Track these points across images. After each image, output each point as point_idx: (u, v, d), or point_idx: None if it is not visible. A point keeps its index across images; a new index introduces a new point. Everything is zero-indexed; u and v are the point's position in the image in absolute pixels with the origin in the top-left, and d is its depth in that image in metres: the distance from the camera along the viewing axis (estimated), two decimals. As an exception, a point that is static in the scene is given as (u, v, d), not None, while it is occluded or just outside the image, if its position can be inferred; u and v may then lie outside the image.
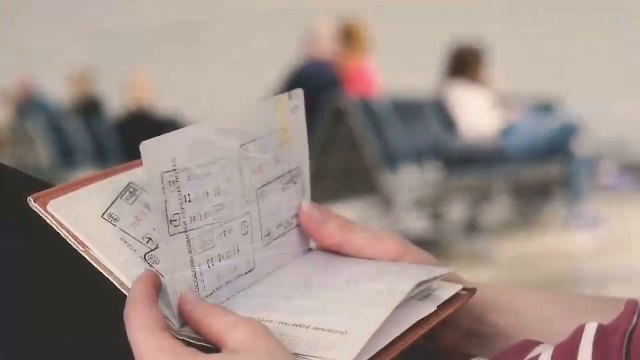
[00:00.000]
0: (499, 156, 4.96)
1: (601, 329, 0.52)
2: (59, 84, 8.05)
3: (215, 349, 0.51)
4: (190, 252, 0.55)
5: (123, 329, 0.51)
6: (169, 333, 0.51)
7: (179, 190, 0.54)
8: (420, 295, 0.58)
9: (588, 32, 8.11)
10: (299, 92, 0.63)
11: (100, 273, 0.55)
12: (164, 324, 0.51)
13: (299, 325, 0.53)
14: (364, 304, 0.54)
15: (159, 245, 0.54)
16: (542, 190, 5.34)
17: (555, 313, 0.62)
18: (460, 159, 4.83)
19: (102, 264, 0.54)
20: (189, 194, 0.54)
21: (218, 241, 0.57)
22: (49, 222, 0.55)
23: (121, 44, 9.36)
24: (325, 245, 0.63)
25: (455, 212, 5.16)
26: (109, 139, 6.54)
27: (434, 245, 4.43)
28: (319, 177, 4.40)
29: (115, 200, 0.58)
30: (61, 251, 0.55)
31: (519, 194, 5.33)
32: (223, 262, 0.57)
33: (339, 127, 4.47)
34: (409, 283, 0.56)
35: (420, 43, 7.65)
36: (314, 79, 4.74)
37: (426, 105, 5.11)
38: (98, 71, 7.93)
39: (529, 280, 3.60)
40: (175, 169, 0.53)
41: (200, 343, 0.52)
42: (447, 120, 5.12)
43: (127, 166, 0.61)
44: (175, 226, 0.54)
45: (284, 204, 0.63)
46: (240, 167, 0.58)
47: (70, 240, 0.55)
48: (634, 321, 0.52)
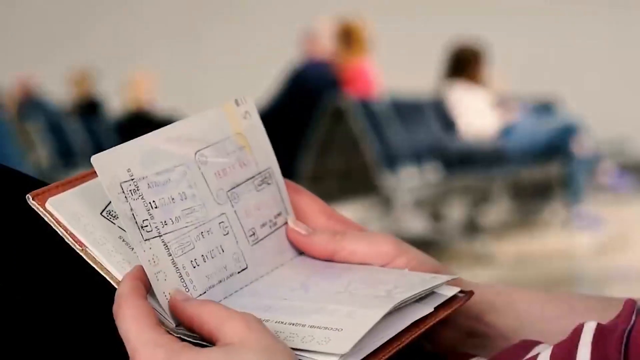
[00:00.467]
0: (498, 156, 4.96)
1: (600, 329, 0.52)
2: (59, 84, 8.05)
3: (211, 345, 0.51)
4: (170, 255, 0.55)
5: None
6: (162, 328, 0.50)
7: (142, 198, 0.55)
8: (418, 296, 0.58)
9: (588, 32, 8.11)
10: (247, 98, 0.63)
11: (99, 273, 0.55)
12: (156, 319, 0.51)
13: (295, 324, 0.53)
14: (361, 306, 0.55)
15: (135, 251, 0.54)
16: (542, 190, 5.33)
17: (554, 313, 0.62)
18: (460, 159, 4.83)
19: (100, 263, 0.55)
20: (153, 201, 0.55)
21: (197, 242, 0.57)
22: (47, 221, 0.55)
23: (121, 44, 9.36)
24: (318, 256, 0.63)
25: (455, 213, 5.16)
26: (109, 139, 6.54)
27: (434, 246, 4.43)
28: (318, 178, 4.40)
29: None
30: (61, 251, 0.55)
31: (519, 195, 5.33)
32: (208, 262, 0.57)
33: (339, 128, 4.47)
34: (406, 293, 0.56)
35: (420, 43, 7.65)
36: (314, 79, 4.73)
37: (426, 106, 5.11)
38: (98, 71, 7.93)
39: (528, 281, 3.60)
40: (132, 179, 0.55)
41: (196, 341, 0.52)
42: (447, 121, 5.12)
43: None
44: (148, 231, 0.54)
45: (263, 205, 0.63)
46: (202, 172, 0.59)
47: (68, 239, 0.55)
48: (632, 321, 0.52)
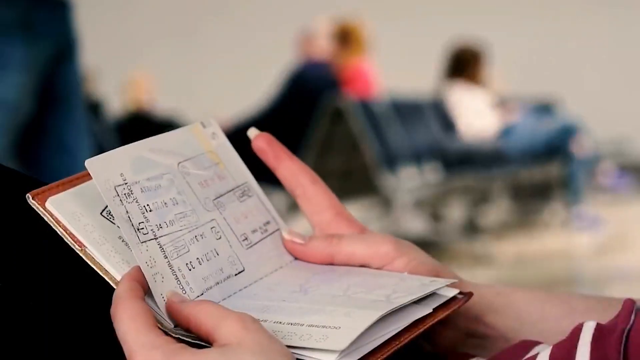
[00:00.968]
0: (498, 157, 4.96)
1: (599, 329, 0.52)
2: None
3: (209, 345, 0.51)
4: (166, 258, 0.56)
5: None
6: (159, 330, 0.51)
7: (137, 201, 0.56)
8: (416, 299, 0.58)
9: (588, 32, 8.11)
10: (212, 121, 0.65)
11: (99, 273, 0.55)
12: (153, 320, 0.51)
13: (294, 324, 0.53)
14: (359, 308, 0.55)
15: (133, 253, 0.55)
16: (542, 191, 5.34)
17: (554, 313, 0.62)
18: (460, 160, 4.83)
19: (99, 263, 0.55)
20: (147, 204, 0.57)
21: (192, 246, 0.58)
22: (47, 220, 0.55)
23: (121, 45, 9.36)
24: (317, 262, 0.63)
25: (455, 213, 5.17)
26: (109, 139, 6.54)
27: (434, 246, 4.43)
28: (318, 178, 4.39)
29: None
30: (61, 251, 0.55)
31: (519, 195, 5.33)
32: (204, 265, 0.58)
33: (339, 128, 4.47)
34: (405, 298, 0.56)
35: (420, 43, 7.65)
36: (313, 79, 4.73)
37: (426, 106, 5.11)
38: (98, 72, 7.93)
39: (528, 281, 3.60)
40: (126, 183, 0.56)
41: (194, 341, 0.52)
42: (447, 121, 5.13)
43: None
44: (144, 234, 0.55)
45: (249, 213, 0.63)
46: (187, 181, 0.60)
47: (67, 239, 0.55)
48: (631, 320, 0.52)
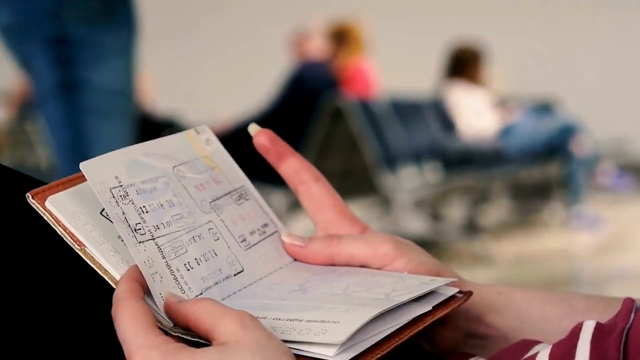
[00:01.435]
0: (498, 157, 4.96)
1: (599, 328, 0.52)
2: (59, 84, 8.03)
3: (208, 343, 0.51)
4: (164, 258, 0.56)
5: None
6: (158, 329, 0.51)
7: (133, 203, 0.56)
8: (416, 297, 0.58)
9: (588, 32, 8.11)
10: (205, 127, 0.66)
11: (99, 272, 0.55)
12: (153, 320, 0.51)
13: (293, 320, 0.54)
14: (358, 305, 0.55)
15: (131, 253, 0.55)
16: (542, 190, 5.34)
17: (554, 313, 0.62)
18: (460, 160, 4.83)
19: (98, 262, 0.55)
20: (144, 206, 0.57)
21: (190, 246, 0.58)
22: (47, 220, 0.55)
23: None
24: (318, 264, 0.64)
25: (455, 213, 5.17)
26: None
27: (433, 246, 4.43)
28: (318, 178, 4.39)
29: None
30: (60, 250, 0.55)
31: (518, 195, 5.33)
32: (202, 265, 0.58)
33: (338, 128, 4.46)
34: (404, 296, 0.56)
35: (420, 43, 7.65)
36: (312, 80, 4.73)
37: (425, 106, 5.11)
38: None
39: (528, 281, 3.60)
40: (121, 185, 0.57)
41: (194, 339, 0.52)
42: (447, 121, 5.13)
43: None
44: (142, 234, 0.56)
45: (247, 215, 0.64)
46: (183, 184, 0.61)
47: (67, 238, 0.55)
48: (631, 319, 0.52)
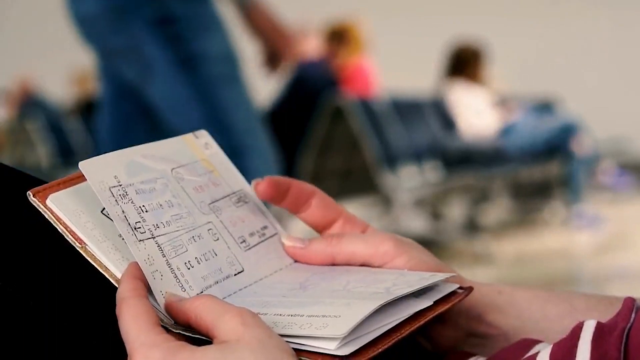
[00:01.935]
0: (498, 156, 4.96)
1: (600, 327, 0.52)
2: (59, 84, 8.05)
3: (209, 340, 0.51)
4: (164, 257, 0.56)
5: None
6: (160, 328, 0.51)
7: (132, 202, 0.56)
8: (417, 293, 0.58)
9: (588, 32, 8.11)
10: (203, 132, 0.66)
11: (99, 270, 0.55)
12: (155, 318, 0.51)
13: (294, 315, 0.54)
14: (359, 299, 0.55)
15: (131, 251, 0.55)
16: (542, 189, 5.34)
17: (555, 312, 0.62)
18: (460, 159, 4.83)
19: (99, 260, 0.55)
20: (143, 205, 0.57)
21: (190, 246, 0.58)
22: (48, 218, 0.56)
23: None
24: (320, 264, 0.64)
25: (455, 212, 5.17)
26: (109, 139, 6.53)
27: (434, 245, 4.43)
28: (318, 177, 4.40)
29: None
30: (61, 249, 0.55)
31: (519, 194, 5.33)
32: (202, 264, 0.58)
33: (339, 127, 4.46)
34: (404, 290, 0.57)
35: (420, 43, 7.65)
36: (312, 79, 4.73)
37: (426, 105, 5.11)
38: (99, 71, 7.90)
39: (528, 280, 3.60)
40: (120, 184, 0.57)
41: (195, 335, 0.52)
42: (447, 120, 5.13)
43: None
44: (142, 233, 0.56)
45: (246, 218, 0.64)
46: (182, 186, 0.61)
47: (68, 236, 0.55)
48: (632, 319, 0.52)
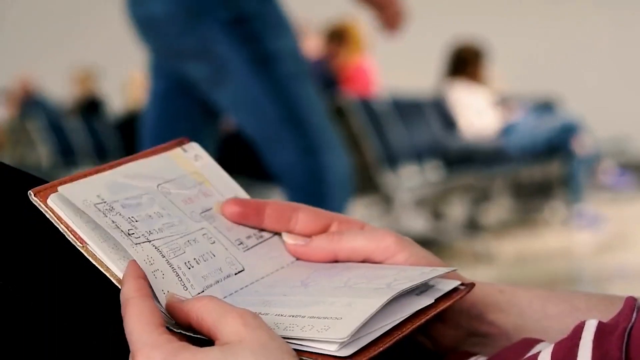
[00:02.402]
0: (499, 155, 4.96)
1: (601, 327, 0.52)
2: (60, 83, 8.05)
3: (211, 340, 0.51)
4: (164, 257, 0.56)
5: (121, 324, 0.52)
6: (164, 328, 0.51)
7: (120, 215, 0.56)
8: (418, 290, 0.58)
9: (588, 32, 8.11)
10: (193, 145, 0.65)
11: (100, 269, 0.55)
12: (159, 318, 0.51)
13: (295, 316, 0.54)
14: (360, 297, 0.55)
15: (130, 253, 0.55)
16: (542, 189, 5.34)
17: (556, 311, 0.62)
18: (461, 158, 4.83)
19: (100, 260, 0.55)
20: (132, 216, 0.57)
21: (187, 248, 0.58)
22: (49, 217, 0.56)
23: (123, 43, 9.35)
24: (321, 261, 0.64)
25: (456, 211, 5.17)
26: (109, 139, 6.54)
27: (434, 245, 4.43)
28: (319, 177, 4.39)
29: None
30: (61, 249, 0.55)
31: (519, 193, 5.33)
32: (202, 264, 0.58)
33: (339, 127, 4.46)
34: (406, 284, 0.56)
35: (421, 43, 7.65)
36: (313, 79, 4.73)
37: (426, 105, 5.11)
38: (99, 70, 7.92)
39: (528, 279, 3.60)
40: (105, 202, 0.57)
41: (197, 336, 0.52)
42: (447, 120, 5.13)
43: (131, 158, 0.62)
44: (136, 237, 0.56)
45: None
46: (170, 199, 0.60)
47: (69, 236, 0.55)
48: (633, 318, 0.52)
